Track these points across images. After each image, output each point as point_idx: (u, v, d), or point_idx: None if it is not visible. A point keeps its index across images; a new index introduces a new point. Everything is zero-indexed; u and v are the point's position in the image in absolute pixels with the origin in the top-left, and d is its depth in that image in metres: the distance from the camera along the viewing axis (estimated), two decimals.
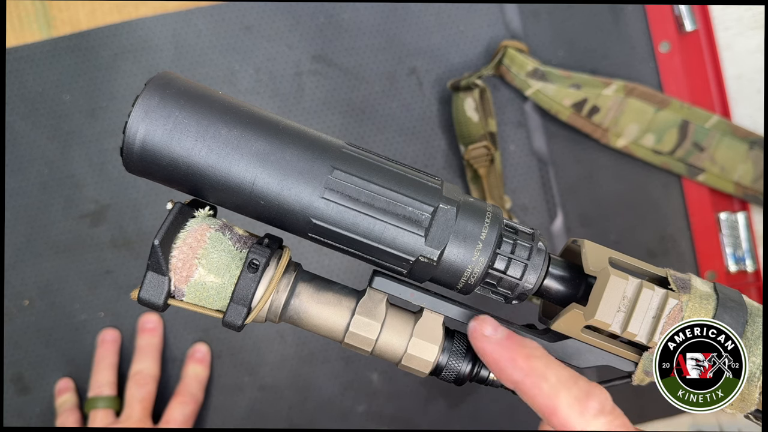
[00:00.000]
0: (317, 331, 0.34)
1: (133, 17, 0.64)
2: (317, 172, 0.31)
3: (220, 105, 0.32)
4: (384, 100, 0.66)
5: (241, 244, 0.33)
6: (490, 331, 0.33)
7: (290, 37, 0.65)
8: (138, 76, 0.64)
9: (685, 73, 0.66)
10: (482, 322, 0.33)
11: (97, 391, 0.60)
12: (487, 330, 0.33)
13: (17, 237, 0.63)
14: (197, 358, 0.63)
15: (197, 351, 0.63)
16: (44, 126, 0.63)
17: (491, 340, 0.33)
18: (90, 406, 0.60)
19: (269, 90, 0.65)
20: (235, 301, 0.32)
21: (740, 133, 0.64)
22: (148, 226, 0.64)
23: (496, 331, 0.33)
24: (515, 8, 0.66)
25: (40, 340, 0.63)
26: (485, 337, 0.33)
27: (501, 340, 0.33)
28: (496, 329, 0.33)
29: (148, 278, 0.32)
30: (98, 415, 0.59)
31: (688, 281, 0.33)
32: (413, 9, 0.66)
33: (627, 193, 0.67)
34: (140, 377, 0.61)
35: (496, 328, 0.33)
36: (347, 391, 0.65)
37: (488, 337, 0.33)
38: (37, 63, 0.64)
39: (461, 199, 0.33)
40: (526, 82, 0.64)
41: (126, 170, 0.32)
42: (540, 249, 0.33)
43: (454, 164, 0.66)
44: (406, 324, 0.34)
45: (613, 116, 0.64)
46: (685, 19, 0.66)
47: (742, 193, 0.65)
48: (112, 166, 0.64)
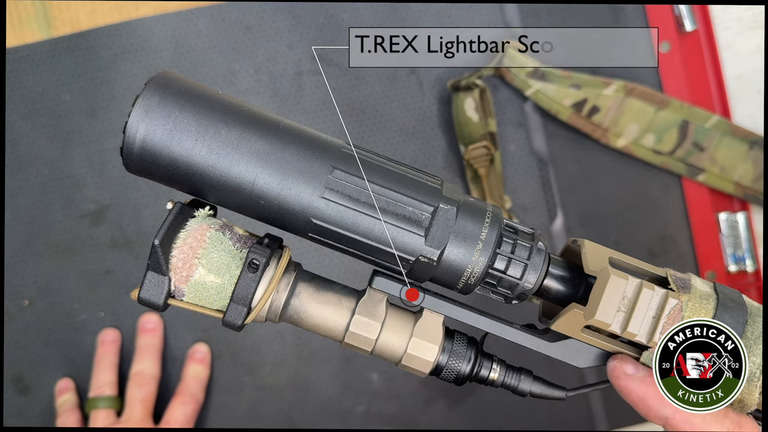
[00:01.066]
0: (317, 331, 0.34)
1: (133, 17, 0.64)
2: (317, 172, 0.31)
3: (220, 105, 0.32)
4: (384, 100, 0.66)
5: (241, 244, 0.33)
6: (632, 370, 0.33)
7: (290, 37, 0.65)
8: (138, 76, 0.64)
9: (685, 73, 0.66)
10: (623, 361, 0.33)
11: (98, 392, 0.60)
12: (629, 369, 0.33)
13: (17, 237, 0.63)
14: (197, 358, 0.63)
15: (197, 351, 0.63)
16: (44, 126, 0.63)
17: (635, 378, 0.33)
18: (91, 406, 0.60)
19: (269, 90, 0.65)
20: (235, 301, 0.32)
21: (740, 133, 0.64)
22: (148, 226, 0.64)
23: (638, 369, 0.33)
24: (515, 8, 0.66)
25: (40, 340, 0.63)
26: (629, 377, 0.33)
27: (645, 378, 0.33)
28: (637, 368, 0.33)
29: (148, 278, 0.32)
30: (99, 415, 0.59)
31: (688, 281, 0.33)
32: (413, 9, 0.66)
33: (627, 193, 0.67)
34: (141, 377, 0.61)
35: (637, 366, 0.33)
36: (347, 391, 0.65)
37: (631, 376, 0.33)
38: (37, 63, 0.64)
39: (461, 199, 0.33)
40: (526, 82, 0.64)
41: (126, 170, 0.32)
42: (540, 249, 0.33)
43: (454, 164, 0.66)
44: (406, 324, 0.34)
45: (613, 116, 0.64)
46: (685, 19, 0.66)
47: (742, 193, 0.65)
48: (112, 166, 0.64)
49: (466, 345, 0.35)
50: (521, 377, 0.35)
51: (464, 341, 0.35)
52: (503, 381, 0.35)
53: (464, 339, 0.35)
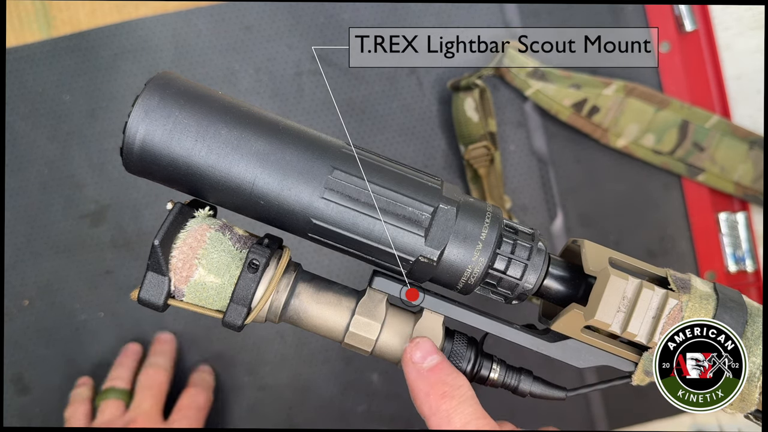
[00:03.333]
0: (317, 331, 0.34)
1: (133, 17, 0.64)
2: (317, 172, 0.31)
3: (220, 105, 0.32)
4: (384, 100, 0.66)
5: (241, 244, 0.33)
6: (419, 357, 0.33)
7: (290, 37, 0.65)
8: (138, 76, 0.64)
9: (685, 73, 0.66)
10: (415, 346, 0.33)
11: (110, 384, 0.59)
12: (416, 356, 0.33)
13: (17, 237, 0.63)
14: (203, 369, 0.63)
15: (203, 368, 0.63)
16: (44, 126, 0.63)
17: (416, 367, 0.33)
18: (101, 398, 0.59)
19: (269, 90, 0.65)
20: (235, 301, 0.32)
21: (740, 133, 0.64)
22: (148, 226, 0.64)
23: (425, 359, 0.33)
24: (515, 8, 0.66)
25: (40, 340, 0.63)
26: (412, 363, 0.33)
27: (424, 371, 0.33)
28: (425, 357, 0.33)
29: (148, 278, 0.32)
30: (108, 405, 0.58)
31: (688, 281, 0.33)
32: (413, 9, 0.66)
33: (627, 193, 0.67)
34: (152, 370, 0.59)
35: (426, 355, 0.33)
36: (347, 391, 0.65)
37: (415, 363, 0.33)
38: (37, 63, 0.64)
39: (461, 199, 0.33)
40: (526, 82, 0.64)
41: (126, 170, 0.32)
42: (540, 249, 0.33)
43: (454, 164, 0.66)
44: (406, 324, 0.34)
45: (613, 116, 0.64)
46: (685, 19, 0.66)
47: (742, 193, 0.65)
48: (112, 166, 0.64)
49: (466, 345, 0.35)
50: (521, 377, 0.35)
51: (464, 341, 0.35)
52: (503, 381, 0.35)
53: (464, 339, 0.35)
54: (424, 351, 0.33)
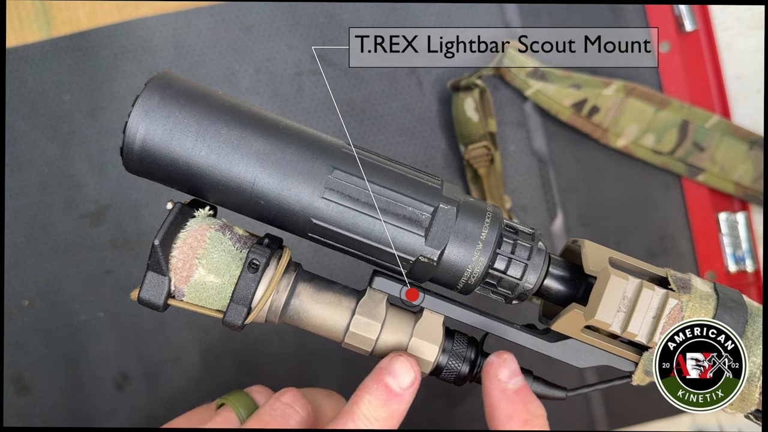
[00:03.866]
0: (317, 331, 0.34)
1: (133, 17, 0.64)
2: (317, 172, 0.31)
3: (220, 105, 0.32)
4: (384, 100, 0.66)
5: (241, 244, 0.33)
6: (505, 377, 0.32)
7: (290, 37, 0.65)
8: (138, 76, 0.64)
9: (685, 73, 0.66)
10: (501, 363, 0.33)
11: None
12: (503, 374, 0.32)
13: (17, 237, 0.63)
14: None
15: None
16: (44, 126, 0.63)
17: (501, 386, 0.32)
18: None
19: (269, 90, 0.65)
20: (235, 301, 0.32)
21: (740, 133, 0.64)
22: (148, 226, 0.64)
23: (510, 380, 0.32)
24: (515, 8, 0.66)
25: (40, 340, 0.63)
26: (498, 381, 0.32)
27: (510, 392, 0.32)
28: (511, 377, 0.32)
29: (148, 278, 0.32)
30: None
31: (688, 281, 0.33)
32: (413, 9, 0.66)
33: (627, 193, 0.67)
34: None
35: (513, 376, 0.32)
36: (347, 392, 0.65)
37: (500, 381, 0.32)
38: (37, 63, 0.64)
39: (461, 199, 0.33)
40: (526, 82, 0.64)
41: (126, 170, 0.32)
42: (540, 249, 0.33)
43: (454, 164, 0.66)
44: (406, 324, 0.34)
45: (613, 116, 0.64)
46: (685, 19, 0.66)
47: (742, 193, 0.65)
48: (112, 166, 0.64)
49: (466, 345, 0.35)
50: None
51: (464, 341, 0.35)
52: None
53: (464, 339, 0.35)
54: (511, 370, 0.32)
